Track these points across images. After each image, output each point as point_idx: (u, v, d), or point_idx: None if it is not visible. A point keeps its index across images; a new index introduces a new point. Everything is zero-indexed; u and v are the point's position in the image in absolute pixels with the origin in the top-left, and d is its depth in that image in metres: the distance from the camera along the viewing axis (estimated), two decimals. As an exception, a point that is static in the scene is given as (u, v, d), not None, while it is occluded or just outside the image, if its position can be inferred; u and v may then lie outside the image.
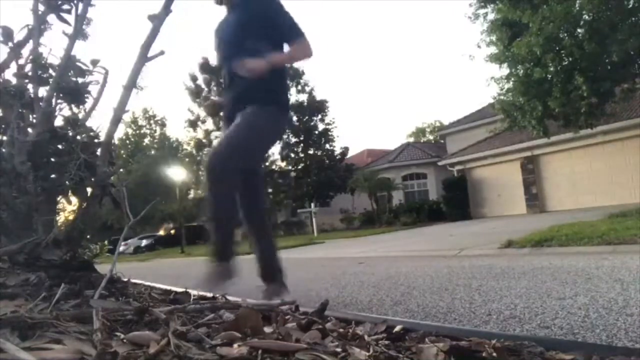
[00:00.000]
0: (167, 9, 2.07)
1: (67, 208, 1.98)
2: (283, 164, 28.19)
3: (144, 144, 43.83)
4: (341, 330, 1.12)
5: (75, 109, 2.05)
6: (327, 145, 27.31)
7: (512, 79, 10.59)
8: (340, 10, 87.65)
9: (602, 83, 9.17)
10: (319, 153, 27.07)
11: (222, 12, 2.55)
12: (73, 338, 0.87)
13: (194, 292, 1.82)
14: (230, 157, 2.20)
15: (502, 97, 11.51)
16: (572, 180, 15.28)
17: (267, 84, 2.27)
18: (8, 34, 1.99)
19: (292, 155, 27.53)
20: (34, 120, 1.95)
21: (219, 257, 2.22)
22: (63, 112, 2.03)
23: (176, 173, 22.17)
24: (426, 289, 2.93)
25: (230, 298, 1.63)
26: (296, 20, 2.34)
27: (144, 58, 2.01)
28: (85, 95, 2.03)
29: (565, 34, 9.34)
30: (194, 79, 28.02)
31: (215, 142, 2.45)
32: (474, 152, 18.29)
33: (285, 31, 2.32)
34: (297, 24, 2.34)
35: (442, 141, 25.38)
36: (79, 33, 2.02)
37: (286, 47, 2.36)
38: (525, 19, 9.28)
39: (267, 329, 1.07)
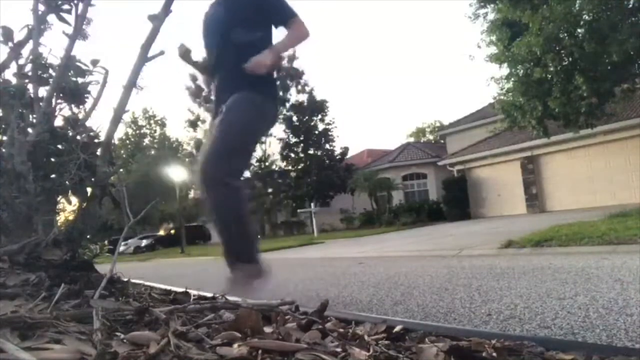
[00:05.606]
0: (167, 9, 2.06)
1: (67, 208, 1.98)
2: (283, 164, 28.19)
3: (144, 144, 43.82)
4: (341, 330, 1.12)
5: (75, 109, 2.04)
6: (327, 145, 27.36)
7: (512, 79, 10.60)
8: (340, 10, 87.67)
9: (602, 83, 9.18)
10: (319, 153, 27.10)
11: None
12: (73, 338, 0.87)
13: (193, 292, 1.82)
14: (220, 164, 2.11)
15: (502, 97, 11.53)
16: (572, 180, 15.28)
17: (251, 75, 2.17)
18: (8, 34, 1.99)
19: (292, 155, 27.53)
20: (34, 120, 1.95)
21: (244, 258, 2.16)
22: (63, 112, 2.03)
23: (176, 173, 22.17)
24: (426, 289, 2.92)
25: (230, 298, 1.63)
26: (286, 1, 2.18)
27: (144, 58, 2.01)
28: (85, 95, 2.03)
29: (565, 34, 9.35)
30: (194, 79, 28.04)
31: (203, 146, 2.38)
32: (474, 152, 18.30)
33: (276, 14, 2.14)
34: (288, 5, 2.16)
35: (442, 141, 25.38)
36: (79, 33, 2.02)
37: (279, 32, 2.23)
38: (525, 19, 9.29)
39: (267, 329, 1.07)
